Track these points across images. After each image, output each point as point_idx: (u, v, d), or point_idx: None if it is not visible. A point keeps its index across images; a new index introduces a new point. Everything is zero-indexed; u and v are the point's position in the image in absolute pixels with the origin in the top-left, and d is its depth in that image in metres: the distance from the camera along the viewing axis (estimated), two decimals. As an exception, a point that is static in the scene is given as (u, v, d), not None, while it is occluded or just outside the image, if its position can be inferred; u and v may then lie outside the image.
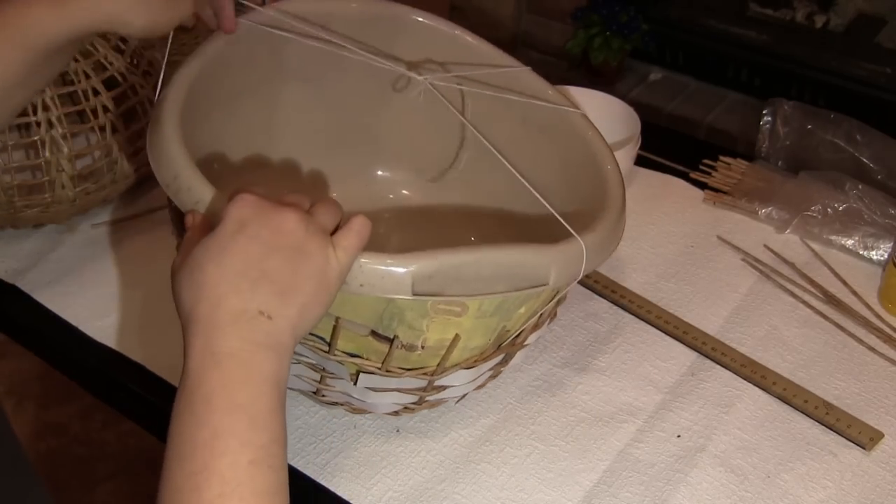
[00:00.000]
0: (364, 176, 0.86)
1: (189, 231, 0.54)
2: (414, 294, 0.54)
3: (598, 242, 0.62)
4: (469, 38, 0.77)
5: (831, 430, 0.71)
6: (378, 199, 0.86)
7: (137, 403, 0.74)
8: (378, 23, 0.76)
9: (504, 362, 0.69)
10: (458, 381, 0.65)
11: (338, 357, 0.61)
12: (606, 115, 0.96)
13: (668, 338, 0.79)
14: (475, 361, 0.64)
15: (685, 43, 2.02)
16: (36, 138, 0.82)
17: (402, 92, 0.80)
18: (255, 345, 0.47)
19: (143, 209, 0.91)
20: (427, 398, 0.66)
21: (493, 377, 0.70)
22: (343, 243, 0.51)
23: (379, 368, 0.61)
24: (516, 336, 0.65)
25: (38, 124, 0.81)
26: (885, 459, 0.69)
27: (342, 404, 0.69)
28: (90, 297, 0.81)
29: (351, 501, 0.65)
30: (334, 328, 0.58)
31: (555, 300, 0.66)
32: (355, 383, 0.63)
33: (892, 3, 1.89)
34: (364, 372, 0.62)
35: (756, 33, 1.93)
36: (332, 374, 0.63)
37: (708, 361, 0.77)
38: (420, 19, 0.77)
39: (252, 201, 0.50)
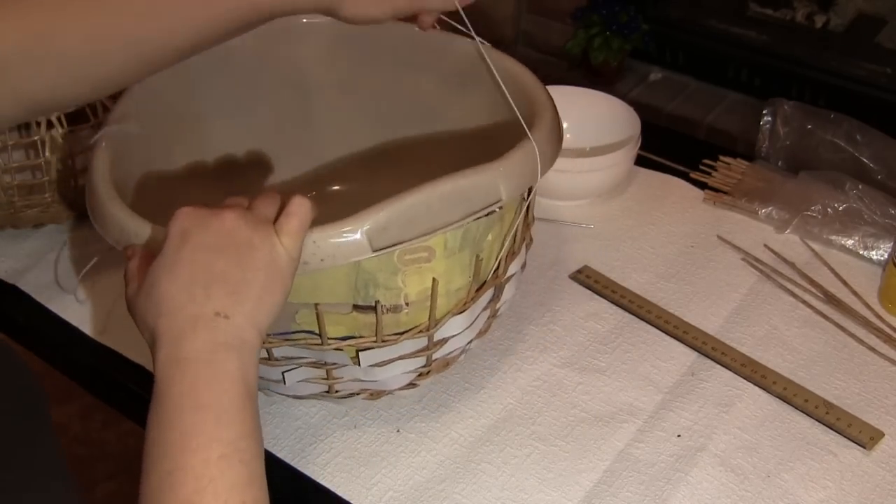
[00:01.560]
0: (314, 174, 0.87)
1: (132, 261, 0.55)
2: (375, 250, 0.55)
3: (541, 141, 0.61)
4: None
5: (831, 429, 0.71)
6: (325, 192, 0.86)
7: (137, 403, 0.74)
8: (276, 38, 0.76)
9: (496, 298, 0.68)
10: (455, 329, 0.65)
11: (332, 345, 0.61)
12: (606, 115, 0.97)
13: (668, 338, 0.79)
14: (465, 304, 0.64)
15: (685, 43, 2.02)
16: (36, 138, 0.82)
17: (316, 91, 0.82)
18: (215, 345, 0.48)
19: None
20: (434, 357, 0.66)
21: (492, 318, 0.70)
22: (285, 228, 0.52)
23: (375, 342, 0.62)
24: (496, 269, 0.65)
25: (38, 124, 0.81)
26: (885, 459, 0.69)
27: (358, 393, 0.69)
28: (90, 296, 0.81)
29: (351, 501, 0.65)
30: (318, 317, 0.59)
31: (521, 219, 0.65)
32: (359, 364, 0.63)
33: (892, 3, 1.89)
34: (362, 350, 0.62)
35: (756, 33, 1.93)
36: (335, 363, 0.63)
37: (708, 361, 0.77)
38: (312, 19, 0.77)
39: (189, 212, 0.51)
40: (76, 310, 0.80)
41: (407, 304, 0.61)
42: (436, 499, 0.65)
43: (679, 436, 0.70)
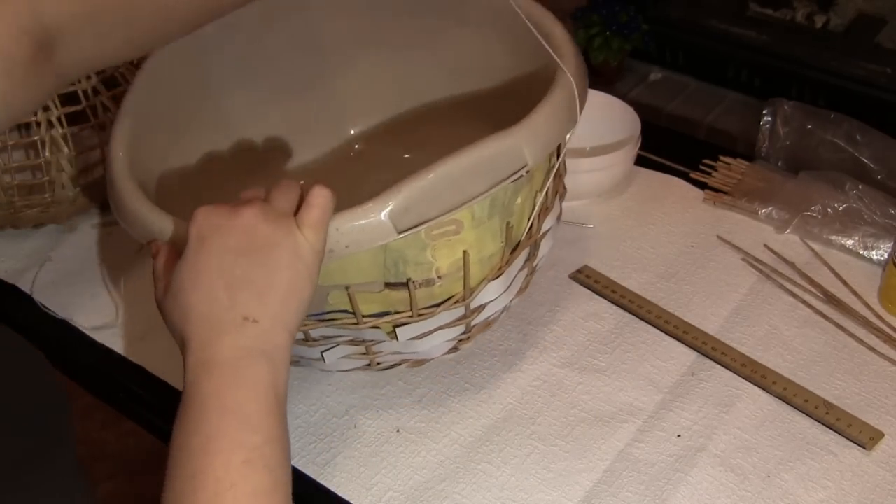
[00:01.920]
0: (336, 140, 0.85)
1: (157, 259, 0.54)
2: (400, 232, 0.53)
3: (564, 101, 0.59)
4: None
5: (831, 429, 0.71)
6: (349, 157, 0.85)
7: (137, 403, 0.74)
8: (281, 7, 0.76)
9: (532, 256, 0.67)
10: (492, 294, 0.64)
11: (368, 322, 0.61)
12: (606, 115, 0.96)
13: (668, 338, 0.79)
14: (500, 269, 0.63)
15: (685, 43, 2.02)
16: (36, 138, 0.82)
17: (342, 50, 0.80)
18: (243, 349, 0.47)
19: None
20: (473, 322, 0.66)
21: (530, 275, 0.69)
22: (307, 221, 0.51)
23: (410, 316, 0.61)
24: (529, 228, 0.64)
25: (38, 124, 0.81)
26: (885, 459, 0.69)
27: (400, 363, 0.69)
28: (90, 297, 0.81)
29: (351, 501, 0.65)
30: (350, 298, 0.58)
31: (552, 176, 0.63)
32: (396, 340, 0.63)
33: (892, 3, 1.89)
34: (399, 325, 0.61)
35: (756, 33, 1.93)
36: (372, 340, 0.63)
37: (708, 361, 0.77)
38: None
39: (207, 212, 0.50)
40: (76, 310, 0.80)
41: (439, 277, 0.60)
42: (436, 499, 0.65)
43: (679, 436, 0.70)
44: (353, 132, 0.86)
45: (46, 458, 0.49)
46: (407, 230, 0.54)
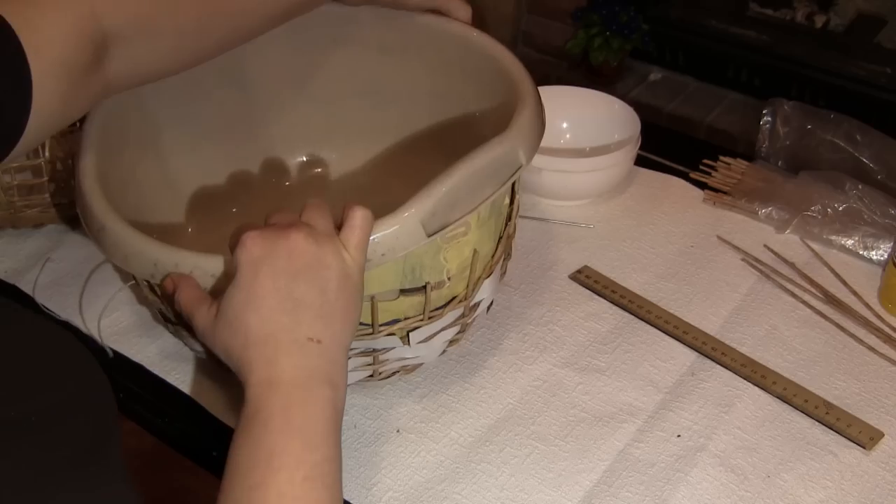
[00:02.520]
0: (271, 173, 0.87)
1: (179, 293, 0.55)
2: (428, 235, 0.57)
3: (533, 115, 0.65)
4: None
5: (831, 429, 0.71)
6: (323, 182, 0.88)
7: (137, 403, 0.74)
8: None
9: (507, 257, 0.73)
10: (485, 293, 0.68)
11: (384, 331, 0.63)
12: (606, 115, 0.97)
13: (668, 338, 0.79)
14: (491, 268, 0.67)
15: (685, 43, 2.03)
16: (36, 138, 0.82)
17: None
18: (309, 370, 0.49)
19: (143, 209, 0.91)
20: (467, 322, 0.69)
21: (503, 275, 0.74)
22: (352, 241, 0.53)
23: (422, 320, 0.64)
24: (505, 229, 0.69)
25: (38, 124, 0.81)
26: (885, 459, 0.69)
27: (398, 371, 0.71)
28: (90, 297, 0.81)
29: (351, 501, 0.65)
30: (371, 308, 0.61)
31: (515, 176, 0.68)
32: (409, 344, 0.65)
33: (892, 3, 1.89)
34: (412, 330, 0.64)
35: (756, 33, 1.94)
36: (384, 348, 0.65)
37: (708, 361, 0.77)
38: None
39: (256, 238, 0.51)
40: (76, 310, 0.80)
41: (449, 279, 0.63)
42: (436, 499, 0.65)
43: (679, 436, 0.70)
44: (293, 161, 0.88)
45: (97, 457, 0.49)
46: (434, 233, 0.57)
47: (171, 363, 0.75)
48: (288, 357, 0.49)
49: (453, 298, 0.65)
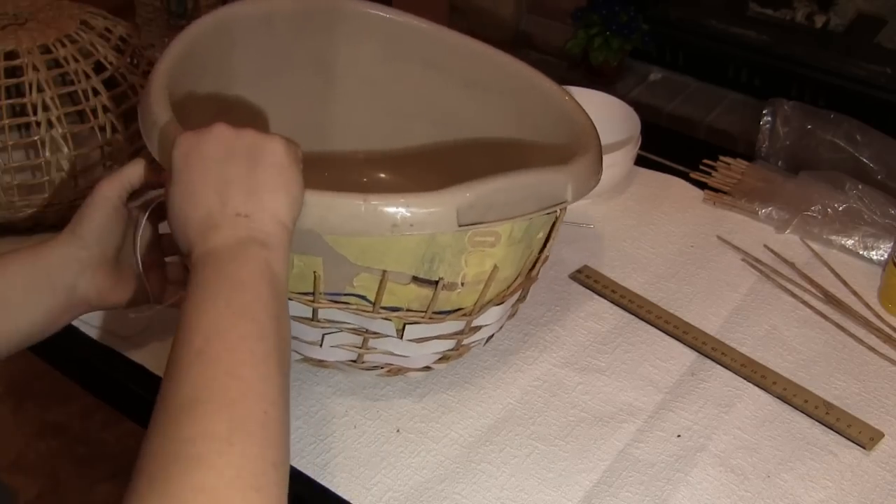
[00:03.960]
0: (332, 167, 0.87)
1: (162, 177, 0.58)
2: (460, 225, 0.57)
3: (593, 162, 0.66)
4: (404, 18, 0.80)
5: (831, 429, 0.71)
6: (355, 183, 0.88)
7: (137, 403, 0.74)
8: (315, 16, 0.79)
9: (521, 299, 0.72)
10: (490, 318, 0.68)
11: (383, 314, 0.63)
12: (606, 115, 0.96)
13: (668, 338, 0.79)
14: (504, 297, 0.67)
15: (685, 43, 2.02)
16: (36, 138, 0.82)
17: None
18: (239, 239, 0.51)
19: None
20: (463, 342, 0.69)
21: (511, 316, 0.74)
22: (277, 135, 0.55)
23: (423, 317, 0.64)
24: (532, 268, 0.69)
25: (38, 124, 0.81)
26: (885, 459, 0.69)
27: (381, 367, 0.70)
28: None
29: (351, 501, 0.65)
30: (380, 283, 0.61)
31: (556, 228, 0.69)
32: (401, 337, 0.65)
33: (892, 3, 1.89)
34: (409, 324, 0.64)
35: (756, 33, 1.93)
36: (377, 333, 0.65)
37: (708, 361, 0.77)
38: (355, 7, 0.80)
39: (185, 135, 0.54)
40: (76, 310, 0.80)
41: (462, 285, 0.63)
42: (436, 499, 0.65)
43: (679, 436, 0.70)
44: (334, 157, 0.87)
45: None
46: (465, 225, 0.57)
47: (171, 363, 0.75)
48: (218, 232, 0.51)
49: (459, 309, 0.65)
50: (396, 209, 0.56)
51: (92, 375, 0.79)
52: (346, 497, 0.65)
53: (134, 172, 0.65)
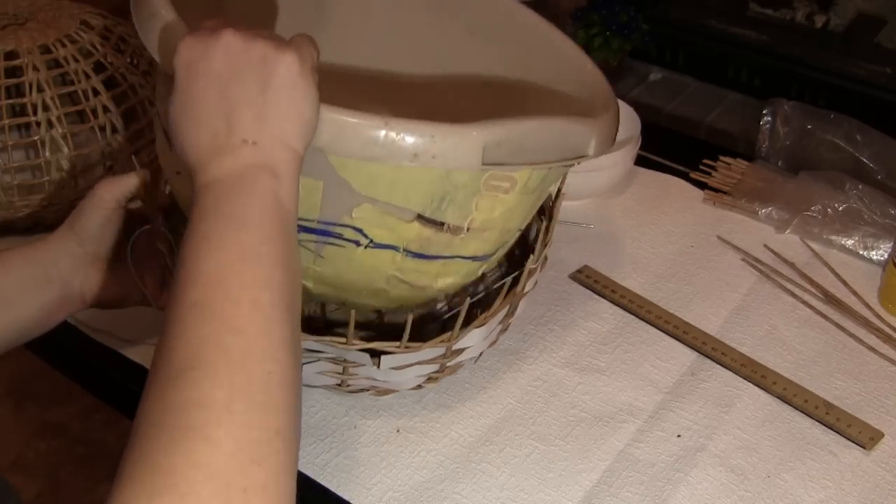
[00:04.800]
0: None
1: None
2: (483, 164, 0.53)
3: (614, 121, 0.64)
4: None
5: (831, 429, 0.71)
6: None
7: (137, 403, 0.74)
8: None
9: (510, 314, 0.70)
10: (473, 341, 0.66)
11: (356, 345, 0.62)
12: (606, 115, 0.96)
13: (668, 338, 0.79)
14: (484, 319, 0.65)
15: (685, 43, 2.02)
16: (36, 138, 0.82)
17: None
18: (243, 167, 0.46)
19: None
20: (448, 364, 0.67)
21: (503, 331, 0.72)
22: (293, 42, 0.49)
23: (398, 347, 0.63)
24: (516, 283, 0.68)
25: (38, 124, 0.81)
26: (885, 459, 0.69)
27: (367, 389, 0.70)
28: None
29: (351, 501, 0.65)
30: (378, 215, 0.57)
31: (561, 191, 0.68)
32: (378, 366, 0.64)
33: (892, 3, 1.89)
34: (385, 354, 0.63)
35: (756, 33, 1.93)
36: (354, 362, 0.64)
37: (708, 361, 0.77)
38: None
39: (188, 42, 0.48)
40: (76, 310, 0.80)
41: (468, 230, 0.59)
42: (436, 499, 0.65)
43: (679, 436, 0.70)
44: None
45: None
46: (489, 165, 0.54)
47: (171, 363, 0.75)
48: (222, 159, 0.46)
49: (435, 338, 0.64)
50: (420, 137, 0.51)
51: (92, 375, 0.79)
52: (346, 497, 0.65)
53: (136, 180, 0.66)
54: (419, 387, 0.70)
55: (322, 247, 0.59)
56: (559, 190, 0.72)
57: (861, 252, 0.87)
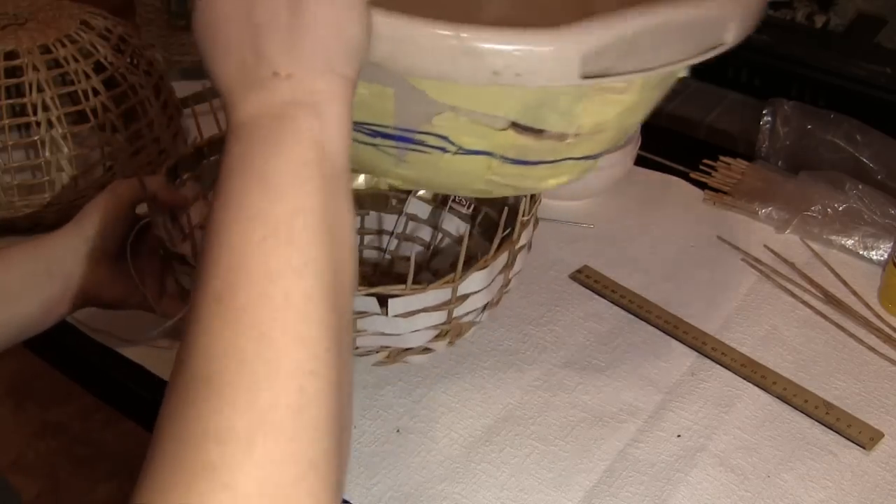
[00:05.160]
0: None
1: None
2: (583, 77, 0.44)
3: None
4: None
5: (831, 429, 0.71)
6: None
7: (137, 403, 0.74)
8: None
9: (509, 264, 0.68)
10: (476, 285, 0.64)
11: (363, 291, 0.61)
12: (606, 115, 0.96)
13: (668, 338, 0.79)
14: (485, 262, 0.63)
15: (685, 43, 2.02)
16: (36, 138, 0.82)
17: None
18: (280, 104, 0.38)
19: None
20: (454, 312, 0.65)
21: (504, 287, 0.70)
22: None
23: (403, 290, 0.61)
24: (508, 232, 0.65)
25: (38, 124, 0.81)
26: (885, 459, 0.69)
27: (377, 351, 0.69)
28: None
29: (351, 501, 0.65)
30: (454, 120, 0.49)
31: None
32: (387, 313, 0.63)
33: (892, 3, 1.89)
34: (391, 297, 0.61)
35: (756, 33, 1.93)
36: (362, 312, 0.63)
37: (708, 361, 0.77)
38: None
39: None
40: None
41: (575, 136, 0.51)
42: (436, 499, 0.65)
43: (679, 436, 0.70)
44: None
45: None
46: (590, 77, 0.44)
47: (172, 363, 0.75)
48: (252, 95, 0.38)
49: (440, 280, 0.62)
50: (499, 49, 0.42)
51: (92, 375, 0.79)
52: (346, 497, 0.65)
53: (151, 185, 0.66)
54: (427, 349, 0.70)
55: (405, 153, 0.51)
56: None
57: (861, 252, 0.87)
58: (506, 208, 0.73)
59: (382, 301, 0.63)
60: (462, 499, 0.65)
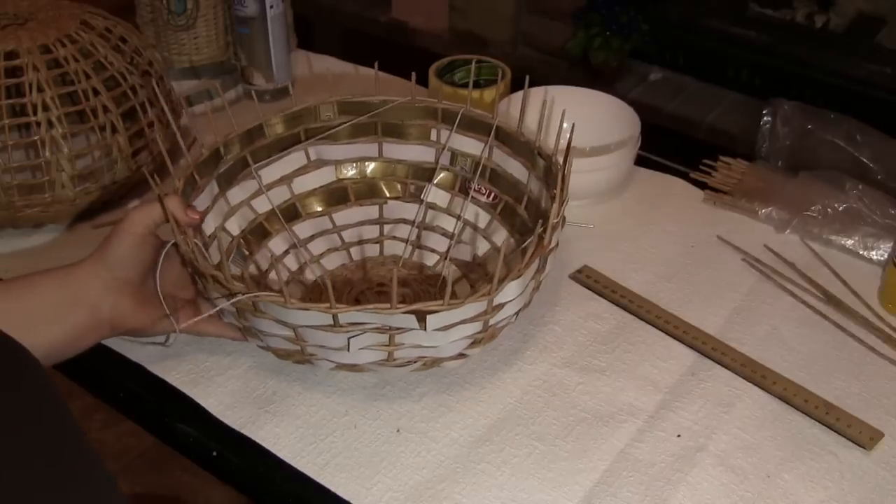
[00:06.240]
0: None
1: None
2: None
3: None
4: None
5: (831, 429, 0.71)
6: None
7: (137, 403, 0.74)
8: None
9: (541, 268, 0.70)
10: (510, 294, 0.66)
11: (401, 309, 0.62)
12: (606, 115, 0.97)
13: (668, 338, 0.79)
14: (520, 271, 0.66)
15: (685, 43, 2.03)
16: (36, 138, 0.82)
17: None
18: None
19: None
20: (490, 321, 0.67)
21: (535, 290, 0.72)
22: None
23: (441, 305, 0.63)
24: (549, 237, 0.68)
25: (38, 124, 0.81)
26: (885, 459, 0.69)
27: (414, 362, 0.70)
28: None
29: (351, 501, 0.65)
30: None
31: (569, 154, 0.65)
32: (425, 329, 0.64)
33: (892, 3, 1.89)
34: (430, 313, 0.63)
35: (756, 33, 1.94)
36: (400, 328, 0.64)
37: (708, 361, 0.77)
38: None
39: None
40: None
41: None
42: (436, 499, 0.65)
43: (679, 436, 0.70)
44: None
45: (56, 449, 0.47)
46: None
47: (171, 363, 0.75)
48: None
49: (477, 293, 0.65)
50: None
51: (92, 375, 0.79)
52: (346, 497, 0.65)
53: (169, 205, 0.66)
54: (462, 355, 0.70)
55: None
56: (569, 147, 0.73)
57: (861, 252, 0.87)
58: (525, 197, 0.76)
59: (421, 317, 0.64)
60: (462, 499, 0.65)
